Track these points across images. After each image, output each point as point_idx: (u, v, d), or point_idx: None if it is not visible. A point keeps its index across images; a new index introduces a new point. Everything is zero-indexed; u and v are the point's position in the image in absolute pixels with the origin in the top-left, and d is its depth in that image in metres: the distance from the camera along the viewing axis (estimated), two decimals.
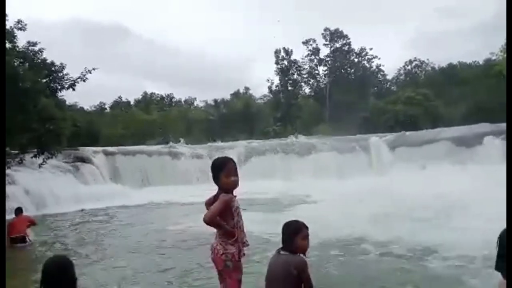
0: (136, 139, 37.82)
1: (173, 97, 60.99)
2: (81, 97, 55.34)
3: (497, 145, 19.73)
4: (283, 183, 19.24)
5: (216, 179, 3.40)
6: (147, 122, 46.39)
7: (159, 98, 60.55)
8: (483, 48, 74.13)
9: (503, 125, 22.66)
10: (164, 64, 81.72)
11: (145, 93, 59.94)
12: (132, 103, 58.61)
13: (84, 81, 14.62)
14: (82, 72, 14.49)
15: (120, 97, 58.79)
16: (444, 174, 15.77)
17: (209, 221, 3.21)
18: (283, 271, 3.29)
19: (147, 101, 58.15)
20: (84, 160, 20.50)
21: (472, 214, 8.58)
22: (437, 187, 12.21)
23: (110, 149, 23.37)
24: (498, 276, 2.51)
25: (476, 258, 5.93)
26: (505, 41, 24.13)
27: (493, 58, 28.02)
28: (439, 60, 58.55)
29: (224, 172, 3.38)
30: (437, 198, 10.66)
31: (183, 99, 60.48)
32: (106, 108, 58.07)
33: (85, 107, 51.05)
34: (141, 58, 78.59)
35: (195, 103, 58.86)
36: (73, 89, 14.84)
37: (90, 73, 14.57)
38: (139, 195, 17.52)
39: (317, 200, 13.80)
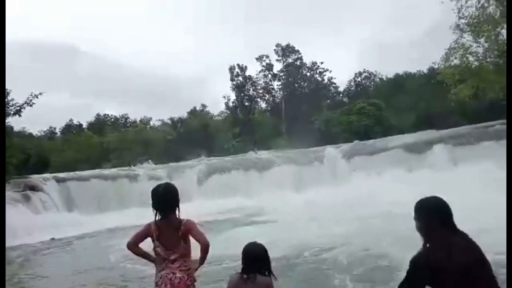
0: (91, 164, 36.50)
1: (127, 118, 59.65)
2: (29, 121, 52.82)
3: (444, 149, 20.81)
4: (244, 200, 19.24)
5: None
6: (102, 145, 44.99)
7: (113, 120, 59.00)
8: (426, 57, 78.58)
9: (448, 131, 24.04)
10: (117, 83, 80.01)
11: (98, 115, 58.28)
12: (84, 126, 56.71)
13: (31, 106, 14.06)
14: (28, 97, 13.97)
15: (71, 120, 56.81)
16: (396, 181, 16.47)
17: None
18: None
19: (101, 123, 56.50)
20: (34, 188, 19.49)
21: None
22: (388, 195, 12.67)
23: (61, 175, 22.37)
24: None
25: None
26: (446, 51, 25.65)
27: (435, 67, 29.70)
28: (387, 71, 61.35)
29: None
30: (389, 205, 11.04)
31: (138, 119, 59.35)
32: (56, 133, 55.85)
33: (34, 132, 48.84)
34: (93, 78, 76.42)
35: (151, 123, 57.94)
36: (19, 115, 14.23)
37: (37, 97, 14.06)
38: (96, 222, 16.83)
39: (277, 217, 13.83)
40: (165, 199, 3.44)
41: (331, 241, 8.63)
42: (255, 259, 3.40)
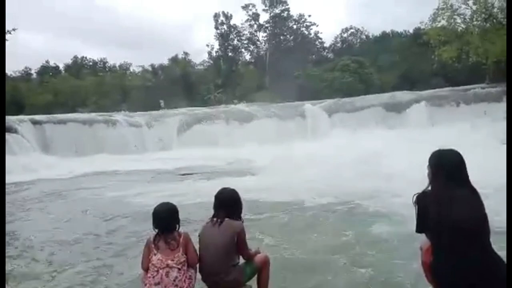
0: (68, 108, 35.62)
1: (106, 62, 57.74)
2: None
3: (423, 110, 21.14)
4: (226, 151, 19.31)
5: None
6: (79, 89, 43.71)
7: (91, 63, 57.02)
8: (414, 16, 77.60)
9: (429, 92, 24.31)
10: (98, 25, 76.58)
11: (76, 57, 56.13)
12: (61, 68, 54.71)
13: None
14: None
15: (47, 62, 54.61)
16: (375, 138, 16.78)
17: None
18: (222, 237, 3.34)
19: (78, 66, 54.59)
20: (9, 130, 18.98)
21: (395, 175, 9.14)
22: (367, 150, 12.88)
23: (37, 117, 21.80)
24: (420, 238, 2.72)
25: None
26: (434, 11, 25.38)
27: (422, 27, 29.50)
28: (374, 28, 60.66)
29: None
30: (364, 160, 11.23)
31: (117, 64, 57.50)
32: (32, 74, 53.76)
33: (9, 73, 46.86)
34: (72, 16, 72.74)
35: (131, 69, 56.29)
36: None
37: (10, 33, 13.33)
38: (73, 165, 16.67)
39: (260, 167, 14.00)
40: (167, 220, 3.35)
41: (305, 190, 8.87)
42: (225, 204, 3.45)
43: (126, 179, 13.11)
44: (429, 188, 2.68)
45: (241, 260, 3.50)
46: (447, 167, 2.63)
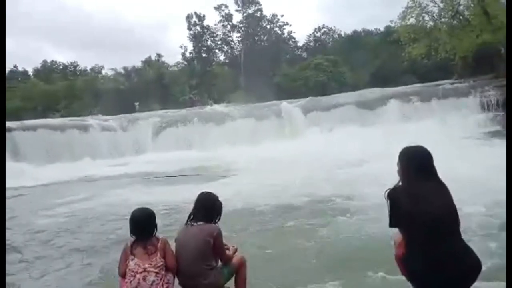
0: (37, 114, 34.61)
1: (77, 65, 56.47)
2: None
3: (395, 107, 21.54)
4: (201, 153, 19.16)
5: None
6: (49, 94, 42.56)
7: (61, 67, 55.63)
8: (385, 15, 79.20)
9: (400, 89, 24.84)
10: (66, 28, 74.64)
11: (45, 61, 54.71)
12: (30, 72, 53.17)
13: None
14: None
15: (15, 66, 52.94)
16: (349, 136, 17.06)
17: None
18: (198, 241, 3.32)
19: (48, 70, 53.17)
20: None
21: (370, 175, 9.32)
22: (342, 149, 13.12)
23: (7, 124, 21.04)
24: (394, 231, 2.80)
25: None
26: (403, 9, 25.94)
27: (392, 25, 30.16)
28: (345, 27, 61.58)
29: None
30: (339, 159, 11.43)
31: (88, 67, 56.30)
32: None
33: None
34: (40, 22, 70.73)
35: (103, 72, 55.19)
36: None
37: None
38: (46, 173, 16.19)
39: (236, 169, 13.97)
40: (144, 226, 3.29)
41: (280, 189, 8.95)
42: (202, 207, 3.44)
43: (97, 184, 12.84)
44: (400, 183, 2.76)
45: (220, 262, 3.48)
46: (416, 163, 2.72)
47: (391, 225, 2.72)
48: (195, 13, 52.10)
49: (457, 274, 2.51)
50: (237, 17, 54.05)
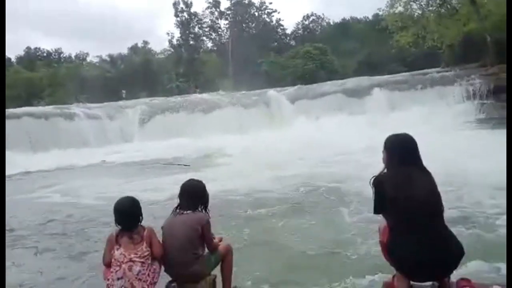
0: (21, 102, 33.91)
1: (61, 52, 55.41)
2: None
3: (382, 95, 21.65)
4: (189, 141, 19.03)
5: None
6: (33, 81, 41.73)
7: (45, 54, 54.52)
8: (373, 3, 79.04)
9: (388, 77, 24.96)
10: (51, 14, 72.98)
11: (29, 48, 53.50)
12: (13, 60, 51.96)
13: None
14: None
15: None
16: (337, 124, 17.14)
17: None
18: (186, 229, 3.29)
19: (31, 58, 52.05)
20: None
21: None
22: (329, 137, 13.19)
23: None
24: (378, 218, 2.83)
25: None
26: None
27: (380, 13, 30.16)
28: (334, 15, 61.40)
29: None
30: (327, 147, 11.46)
31: (73, 55, 55.25)
32: None
33: None
34: (25, 5, 69.13)
35: (88, 59, 54.20)
36: None
37: None
38: (29, 161, 15.93)
39: (225, 155, 13.94)
40: (129, 215, 3.22)
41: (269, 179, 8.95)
42: (189, 195, 3.40)
43: (81, 174, 12.68)
44: (385, 171, 2.78)
45: (206, 250, 3.46)
46: (401, 150, 2.75)
47: (376, 211, 2.75)
48: None
49: (440, 258, 2.54)
50: (225, 4, 53.52)
